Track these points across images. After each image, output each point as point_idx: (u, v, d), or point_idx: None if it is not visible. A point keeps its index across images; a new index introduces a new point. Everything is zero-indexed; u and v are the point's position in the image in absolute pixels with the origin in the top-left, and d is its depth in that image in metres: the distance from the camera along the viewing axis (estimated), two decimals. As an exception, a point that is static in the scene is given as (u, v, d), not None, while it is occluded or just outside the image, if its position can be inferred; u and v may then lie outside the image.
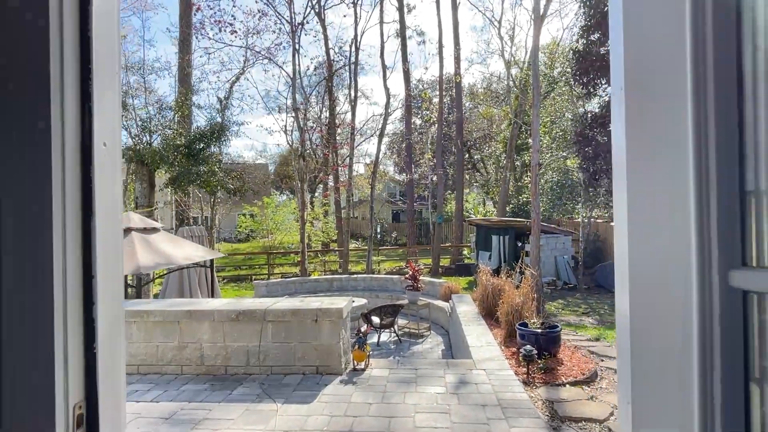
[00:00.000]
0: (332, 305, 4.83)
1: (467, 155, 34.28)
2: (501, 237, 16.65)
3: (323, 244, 27.30)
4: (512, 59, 24.82)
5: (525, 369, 5.04)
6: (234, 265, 25.49)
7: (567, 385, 4.86)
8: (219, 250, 30.11)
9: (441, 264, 20.31)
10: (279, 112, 21.84)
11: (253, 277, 21.63)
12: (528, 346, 4.99)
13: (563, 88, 20.58)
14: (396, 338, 10.44)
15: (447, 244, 23.20)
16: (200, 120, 12.90)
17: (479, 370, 4.87)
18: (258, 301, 5.12)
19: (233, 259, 26.87)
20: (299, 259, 21.36)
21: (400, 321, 11.31)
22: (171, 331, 4.87)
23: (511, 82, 23.87)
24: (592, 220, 19.02)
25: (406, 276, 11.04)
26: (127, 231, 6.35)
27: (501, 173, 32.82)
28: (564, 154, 20.35)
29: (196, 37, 15.86)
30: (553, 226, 16.91)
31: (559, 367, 5.25)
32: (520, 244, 16.43)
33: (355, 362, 4.90)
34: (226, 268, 24.50)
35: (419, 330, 10.68)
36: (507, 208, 23.51)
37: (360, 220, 42.78)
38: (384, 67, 16.21)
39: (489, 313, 7.64)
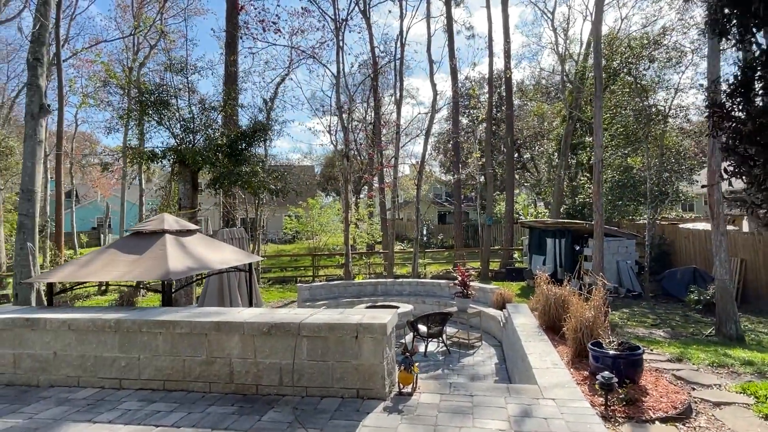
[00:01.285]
0: (375, 320, 4.22)
1: (516, 155, 32.96)
2: (556, 240, 15.57)
3: (368, 246, 26.86)
4: (566, 53, 23.46)
5: (602, 400, 4.25)
6: (280, 267, 25.49)
7: (656, 422, 4.04)
8: (265, 251, 30.33)
9: (490, 268, 19.38)
10: (323, 113, 21.55)
11: (298, 278, 21.44)
12: (606, 373, 4.19)
13: (624, 79, 19.17)
14: (444, 348, 9.73)
15: (496, 247, 22.19)
16: (243, 120, 12.68)
17: (547, 399, 4.13)
18: (292, 312, 4.58)
19: (279, 261, 26.91)
20: (344, 261, 21.00)
21: (449, 329, 10.59)
22: (198, 344, 4.41)
23: (565, 77, 22.54)
24: (657, 221, 17.54)
25: (455, 282, 10.30)
26: (161, 233, 6.00)
27: (554, 173, 31.33)
28: (625, 151, 18.94)
29: (241, 38, 15.77)
30: (614, 228, 15.65)
31: (643, 398, 4.42)
32: (577, 248, 15.30)
33: (401, 385, 4.28)
34: (272, 270, 24.50)
35: (469, 340, 9.92)
36: (561, 210, 22.21)
37: (405, 222, 42.19)
38: (431, 62, 15.50)
39: (551, 327, 6.83)
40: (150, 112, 9.78)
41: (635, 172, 20.49)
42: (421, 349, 9.79)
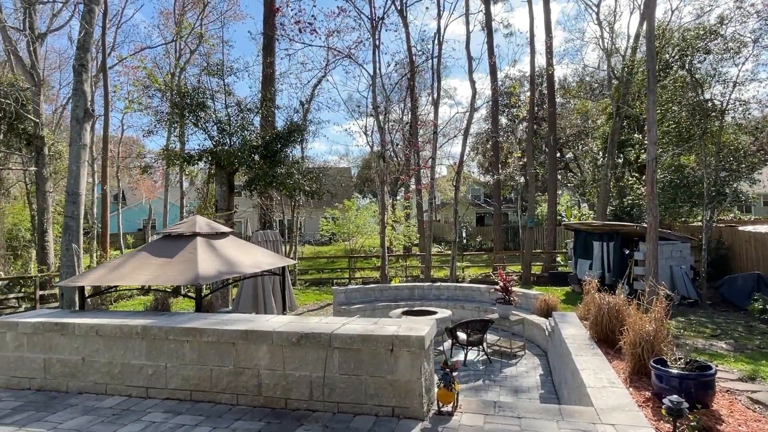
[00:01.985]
0: (412, 331, 3.87)
1: (558, 154, 31.83)
2: (604, 243, 14.74)
3: (405, 248, 26.50)
4: (612, 47, 22.39)
5: (670, 427, 3.75)
6: (316, 268, 25.48)
7: (736, 456, 3.51)
8: (302, 253, 30.46)
9: (532, 272, 18.64)
10: (360, 114, 21.39)
11: (335, 280, 21.31)
12: (674, 396, 3.69)
13: (676, 74, 18.06)
14: (485, 357, 9.27)
15: (538, 250, 21.36)
16: (279, 122, 12.62)
17: (606, 425, 3.66)
18: (324, 321, 4.28)
19: (316, 262, 26.93)
20: (380, 263, 20.73)
21: (490, 337, 10.11)
22: (226, 353, 4.18)
23: (611, 72, 21.51)
24: (714, 224, 16.38)
25: (497, 288, 9.81)
26: (192, 236, 5.85)
27: (599, 172, 30.05)
28: (678, 150, 17.82)
29: (278, 39, 15.78)
30: (667, 231, 14.68)
31: (719, 426, 3.88)
32: (627, 252, 14.42)
33: (441, 403, 3.91)
34: (309, 271, 24.51)
35: (512, 349, 9.41)
36: (607, 211, 21.18)
37: (442, 224, 41.58)
38: (470, 59, 15.00)
39: (603, 339, 6.28)
40: (187, 114, 9.78)
41: (688, 171, 19.27)
42: (460, 357, 9.36)
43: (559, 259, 22.13)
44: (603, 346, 6.14)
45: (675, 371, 4.31)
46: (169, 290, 7.77)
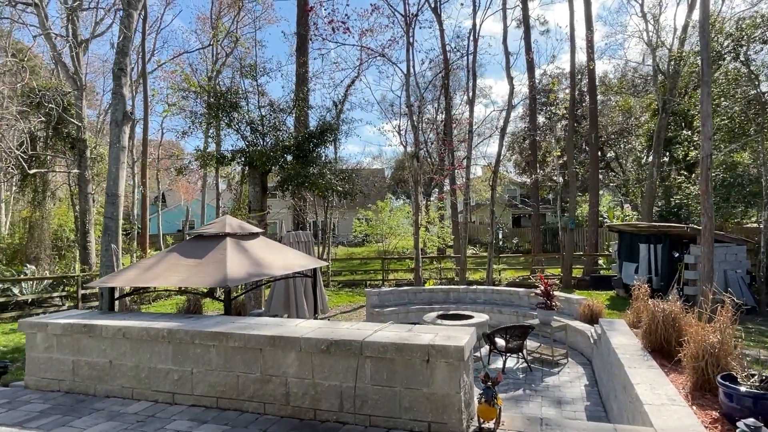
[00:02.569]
0: (450, 341, 3.56)
1: (599, 153, 30.68)
2: (651, 246, 13.96)
3: (439, 249, 26.06)
4: (657, 40, 21.33)
5: (746, 454, 3.30)
6: (350, 270, 25.37)
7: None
8: (335, 254, 30.45)
9: (573, 275, 17.92)
10: (393, 114, 21.15)
11: (368, 282, 21.12)
12: (751, 420, 3.24)
13: (728, 67, 17.02)
14: (525, 365, 8.82)
15: (578, 253, 20.55)
16: (312, 121, 12.47)
17: (670, 449, 3.26)
18: (355, 327, 4.02)
19: (349, 264, 26.83)
20: (413, 265, 20.39)
21: (530, 343, 9.64)
22: (253, 359, 3.98)
23: (657, 65, 20.49)
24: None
25: (537, 292, 9.34)
26: (222, 237, 5.71)
27: (644, 172, 28.79)
28: (731, 146, 16.77)
29: (311, 39, 15.71)
30: (721, 233, 13.76)
31: (803, 455, 3.40)
32: (676, 255, 13.60)
33: (481, 419, 3.58)
34: (342, 273, 24.42)
35: (554, 357, 8.92)
36: (652, 212, 20.17)
37: (477, 225, 40.84)
38: (507, 55, 14.50)
39: (658, 350, 5.78)
40: (220, 115, 9.75)
41: (742, 169, 18.12)
42: (498, 364, 8.94)
43: (600, 261, 21.24)
44: (657, 358, 5.64)
45: (747, 389, 3.84)
46: (203, 291, 7.70)
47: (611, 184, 31.80)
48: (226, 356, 4.08)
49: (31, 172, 16.98)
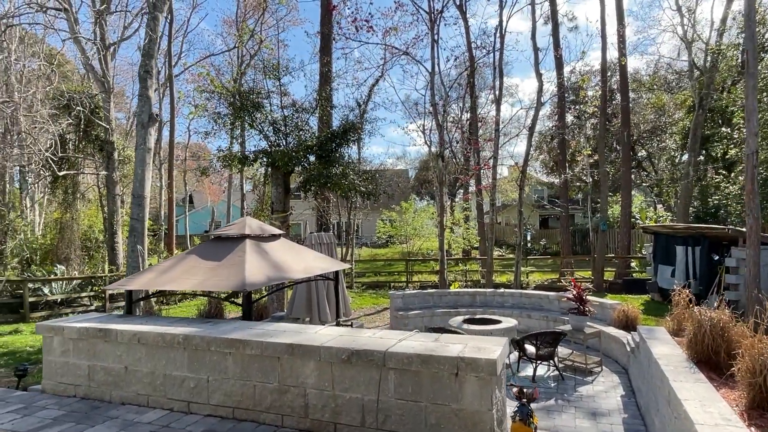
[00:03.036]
0: (480, 353, 3.27)
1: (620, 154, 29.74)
2: (689, 248, 13.30)
3: (464, 251, 25.62)
4: (693, 35, 20.46)
5: (820, 486, 2.92)
6: (373, 271, 25.18)
7: None
8: (359, 255, 30.29)
9: (604, 278, 17.28)
10: (418, 114, 20.86)
11: (392, 284, 20.88)
12: (826, 448, 2.87)
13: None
14: (556, 373, 8.42)
15: (610, 255, 19.84)
16: (335, 122, 12.29)
17: (731, 478, 2.90)
18: (378, 335, 3.76)
19: (373, 265, 26.63)
20: (438, 267, 20.03)
21: (561, 350, 9.21)
22: (270, 368, 3.76)
23: (693, 59, 19.65)
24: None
25: (569, 297, 8.93)
26: (241, 239, 5.53)
27: (678, 171, 27.74)
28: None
29: (334, 38, 15.57)
30: (765, 234, 13.00)
31: None
32: (716, 258, 12.92)
33: (516, 439, 3.28)
34: (366, 274, 24.24)
35: (587, 365, 8.49)
36: (689, 212, 19.34)
37: (503, 226, 40.14)
38: (536, 50, 14.04)
39: (704, 361, 5.35)
40: (242, 115, 9.65)
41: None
42: (528, 372, 8.57)
43: (633, 264, 20.49)
44: (704, 370, 5.22)
45: (817, 411, 3.43)
46: (223, 296, 7.58)
47: (643, 184, 30.77)
48: (242, 364, 3.87)
49: (61, 173, 17.30)
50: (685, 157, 27.63)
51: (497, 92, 15.75)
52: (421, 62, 15.51)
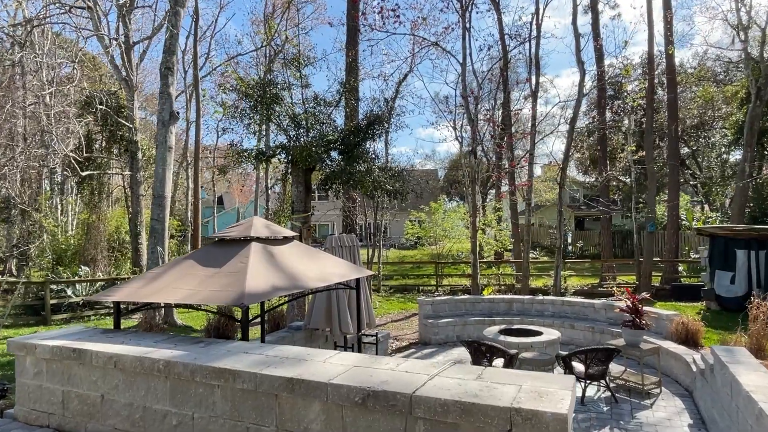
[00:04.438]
0: (543, 403, 2.39)
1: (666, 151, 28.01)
2: (753, 252, 11.97)
3: (496, 253, 24.50)
4: (749, 20, 18.80)
5: None
6: (401, 274, 24.34)
7: None
8: (386, 257, 29.44)
9: (651, 283, 15.95)
10: (448, 111, 19.93)
11: (420, 288, 20.01)
12: None
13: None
14: (608, 394, 7.40)
15: (656, 259, 18.41)
16: (360, 116, 11.51)
17: None
18: (402, 368, 2.93)
19: (401, 268, 25.79)
20: (469, 271, 19.03)
21: (613, 367, 8.17)
22: (266, 408, 2.99)
23: (746, 50, 18.07)
24: None
25: (622, 308, 7.88)
26: (246, 242, 4.79)
27: (729, 168, 25.88)
28: None
29: (360, 31, 14.85)
30: (843, 237, 11.57)
31: None
32: (785, 263, 11.59)
33: None
34: (394, 277, 23.43)
35: (644, 386, 7.43)
36: (744, 213, 17.76)
37: (537, 228, 38.65)
38: (577, 36, 12.93)
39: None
40: (260, 108, 8.98)
41: None
42: (576, 393, 7.57)
43: (680, 268, 19.00)
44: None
45: None
46: (213, 310, 6.79)
47: (691, 183, 28.90)
48: (233, 400, 3.10)
49: (84, 174, 17.10)
50: (737, 153, 25.77)
51: (533, 85, 14.70)
52: (452, 54, 14.60)
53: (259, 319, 5.81)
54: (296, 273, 4.70)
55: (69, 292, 15.41)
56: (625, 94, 23.85)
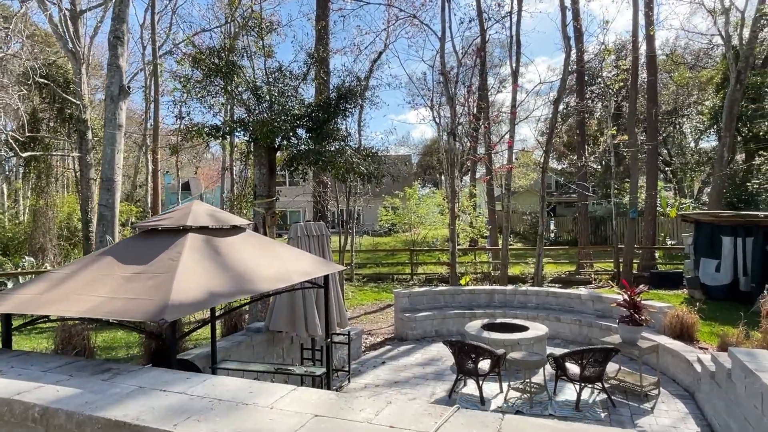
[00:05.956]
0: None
1: (643, 135, 27.86)
2: (739, 240, 11.56)
3: (471, 240, 23.89)
4: (729, 3, 18.41)
5: None
6: (375, 262, 23.50)
7: None
8: (360, 244, 28.49)
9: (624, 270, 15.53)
10: (426, 89, 18.97)
11: (395, 276, 19.20)
12: None
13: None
14: (604, 396, 6.73)
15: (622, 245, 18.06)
16: (333, 93, 10.45)
17: None
18: (385, 420, 2.00)
19: (375, 255, 24.94)
20: (446, 259, 18.31)
21: (608, 366, 7.51)
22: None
23: (727, 30, 17.71)
24: None
25: (618, 302, 7.20)
26: (182, 232, 3.79)
27: (706, 154, 25.87)
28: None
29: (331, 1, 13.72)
30: (830, 224, 11.25)
31: None
32: (772, 251, 11.22)
33: None
34: (368, 265, 22.57)
35: (642, 387, 6.79)
36: (722, 199, 17.53)
37: (511, 214, 38.36)
38: (563, 8, 12.18)
39: None
40: (213, 77, 7.85)
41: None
42: (567, 395, 6.88)
43: (657, 255, 18.76)
44: None
45: None
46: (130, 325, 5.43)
47: (661, 169, 28.87)
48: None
49: (24, 155, 15.52)
50: (712, 139, 25.76)
51: (514, 64, 13.89)
52: (430, 27, 13.62)
53: (223, 319, 4.82)
54: (247, 272, 3.73)
55: (10, 285, 13.99)
56: (608, 72, 23.38)
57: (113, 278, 3.36)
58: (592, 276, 17.04)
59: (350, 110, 8.69)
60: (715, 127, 22.05)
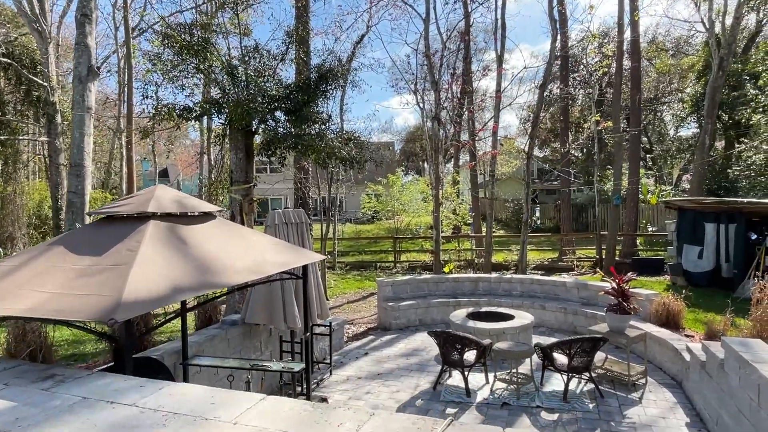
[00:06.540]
0: None
1: (625, 122, 28.01)
2: (722, 226, 11.55)
3: (455, 227, 23.76)
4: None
5: None
6: (358, 250, 23.22)
7: None
8: (342, 232, 28.13)
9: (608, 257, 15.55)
10: (410, 73, 18.57)
11: (378, 264, 18.97)
12: None
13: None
14: (591, 386, 6.60)
15: (604, 232, 18.14)
16: (313, 74, 10.01)
17: None
18: (373, 424, 1.70)
19: (357, 243, 24.65)
20: (430, 246, 18.13)
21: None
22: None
23: (711, 16, 17.68)
24: None
25: (607, 290, 7.05)
26: (143, 219, 3.44)
27: (686, 141, 26.09)
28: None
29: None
30: (811, 210, 11.31)
31: None
32: (754, 237, 11.23)
33: None
34: (350, 253, 22.28)
35: (629, 376, 6.68)
36: (702, 186, 17.63)
37: (494, 201, 38.35)
38: (550, -10, 11.92)
39: None
40: (185, 54, 7.38)
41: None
42: (555, 386, 6.74)
43: (638, 241, 18.87)
44: None
45: None
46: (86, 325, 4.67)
47: (649, 156, 29.06)
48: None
49: (-13, 139, 14.73)
50: (692, 127, 25.96)
51: (499, 47, 13.60)
52: (414, 8, 13.21)
53: (192, 311, 4.49)
54: (216, 263, 3.40)
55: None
56: (591, 59, 23.27)
57: (63, 271, 3.00)
58: (575, 263, 17.07)
59: (331, 92, 8.31)
60: (695, 114, 22.16)
